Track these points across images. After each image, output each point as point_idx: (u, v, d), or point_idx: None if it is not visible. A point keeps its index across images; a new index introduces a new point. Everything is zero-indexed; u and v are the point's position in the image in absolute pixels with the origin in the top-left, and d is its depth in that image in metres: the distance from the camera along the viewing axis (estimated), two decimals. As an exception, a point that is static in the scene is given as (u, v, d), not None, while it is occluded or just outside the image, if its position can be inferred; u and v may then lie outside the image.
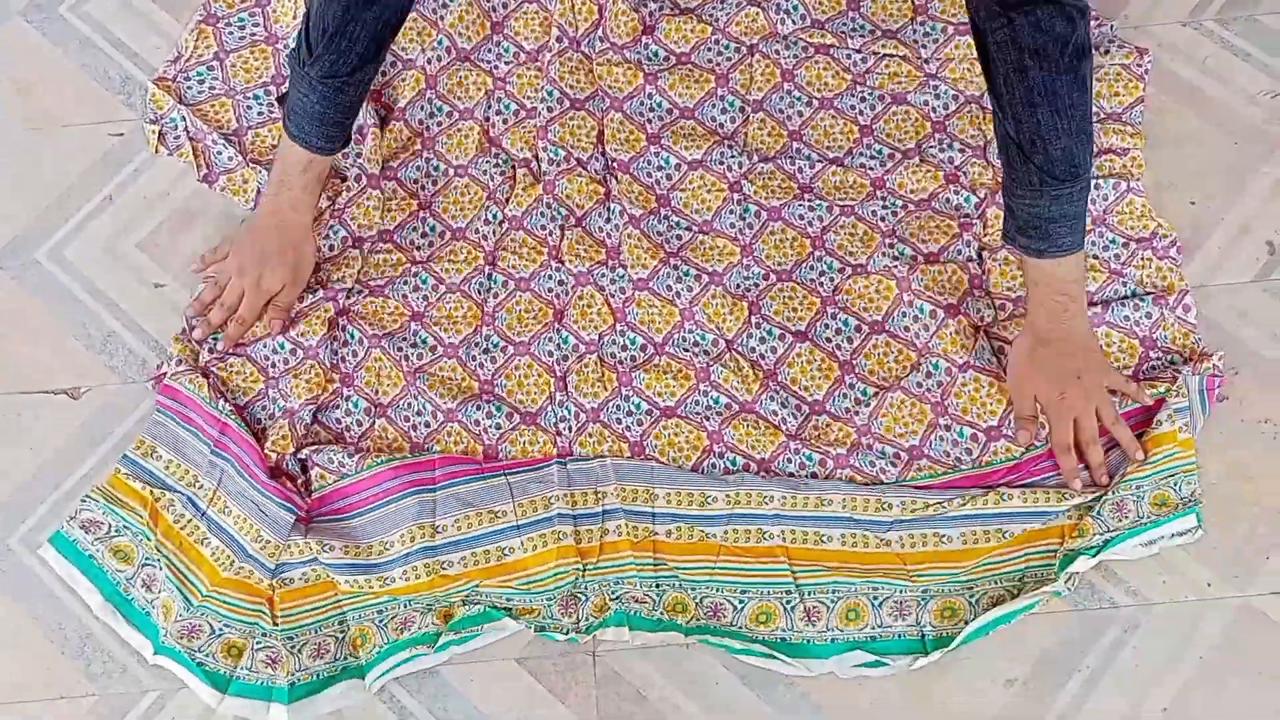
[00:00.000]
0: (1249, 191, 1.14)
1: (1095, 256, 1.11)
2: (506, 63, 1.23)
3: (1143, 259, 1.11)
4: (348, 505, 1.06)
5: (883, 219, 1.15)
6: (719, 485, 1.04)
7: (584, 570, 1.03)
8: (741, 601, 1.02)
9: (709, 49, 1.22)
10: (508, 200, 1.17)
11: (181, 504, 1.06)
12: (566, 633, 1.01)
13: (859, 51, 1.21)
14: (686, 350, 1.11)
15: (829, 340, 1.11)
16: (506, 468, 1.07)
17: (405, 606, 1.03)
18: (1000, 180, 1.12)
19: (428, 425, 1.09)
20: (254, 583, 1.03)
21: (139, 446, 1.08)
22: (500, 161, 1.19)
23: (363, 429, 1.10)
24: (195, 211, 1.19)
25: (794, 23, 1.22)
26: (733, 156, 1.17)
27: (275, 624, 1.02)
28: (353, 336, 1.12)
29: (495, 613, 1.01)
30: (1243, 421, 1.06)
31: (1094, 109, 1.16)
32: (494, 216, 1.17)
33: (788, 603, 1.02)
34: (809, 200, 1.15)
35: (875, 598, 1.01)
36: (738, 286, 1.13)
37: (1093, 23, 1.20)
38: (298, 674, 1.00)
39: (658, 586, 1.03)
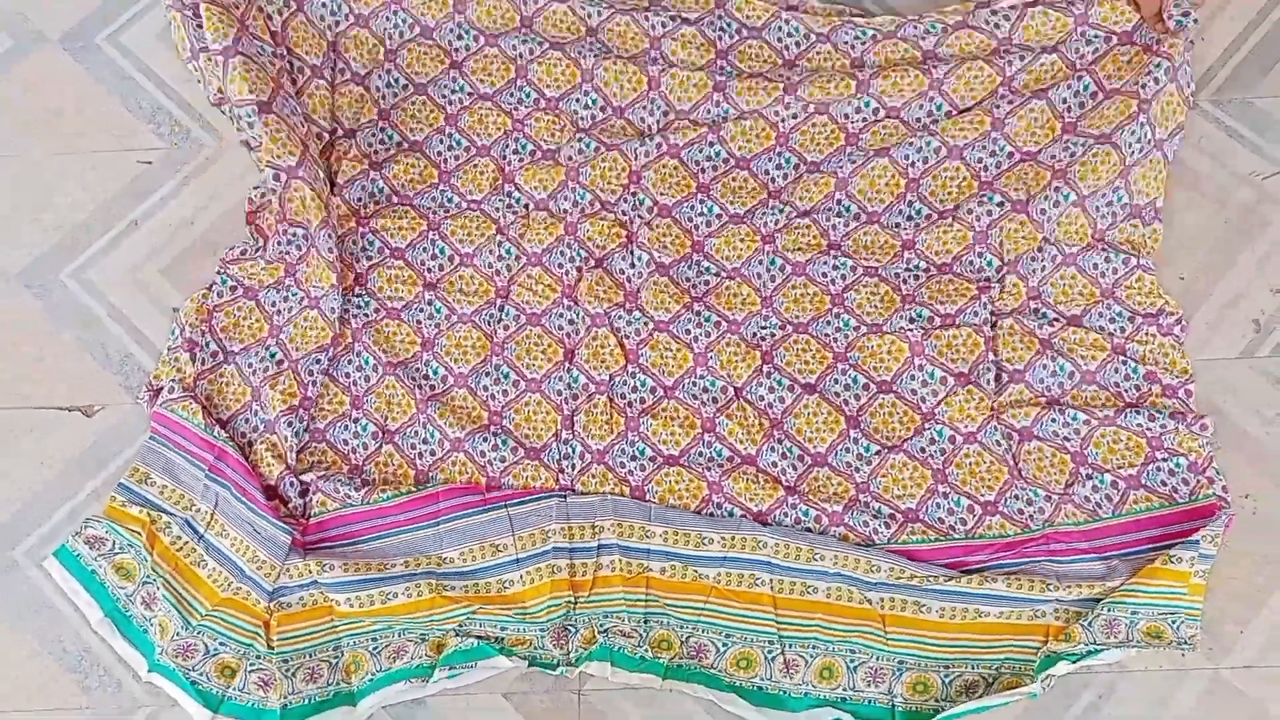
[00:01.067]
0: (1237, 269, 1.17)
1: (1100, 328, 1.14)
2: (526, 107, 1.26)
3: (1146, 334, 1.13)
4: (349, 533, 1.09)
5: (905, 282, 1.17)
6: (716, 528, 1.07)
7: (575, 603, 1.05)
8: (725, 645, 1.04)
9: (776, 110, 1.23)
10: (522, 236, 1.20)
11: (179, 527, 1.09)
12: (556, 664, 1.03)
13: (930, 116, 1.22)
14: (695, 397, 1.14)
15: (837, 395, 1.13)
16: (507, 498, 1.09)
17: (399, 635, 1.05)
18: (1036, 239, 1.14)
19: (433, 454, 1.12)
20: (251, 604, 1.06)
21: (133, 474, 1.11)
22: (513, 200, 1.23)
23: (368, 452, 1.13)
24: (216, 242, 1.22)
25: (864, 120, 1.22)
26: (771, 214, 1.20)
27: (270, 647, 1.04)
28: (366, 363, 1.16)
29: (488, 649, 1.03)
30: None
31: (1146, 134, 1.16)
32: (508, 252, 1.20)
33: (769, 653, 1.04)
34: (834, 257, 1.18)
35: (852, 661, 1.03)
36: (754, 335, 1.16)
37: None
38: (290, 697, 1.02)
39: (646, 622, 1.05)
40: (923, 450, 1.10)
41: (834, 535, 1.07)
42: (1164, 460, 1.08)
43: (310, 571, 1.06)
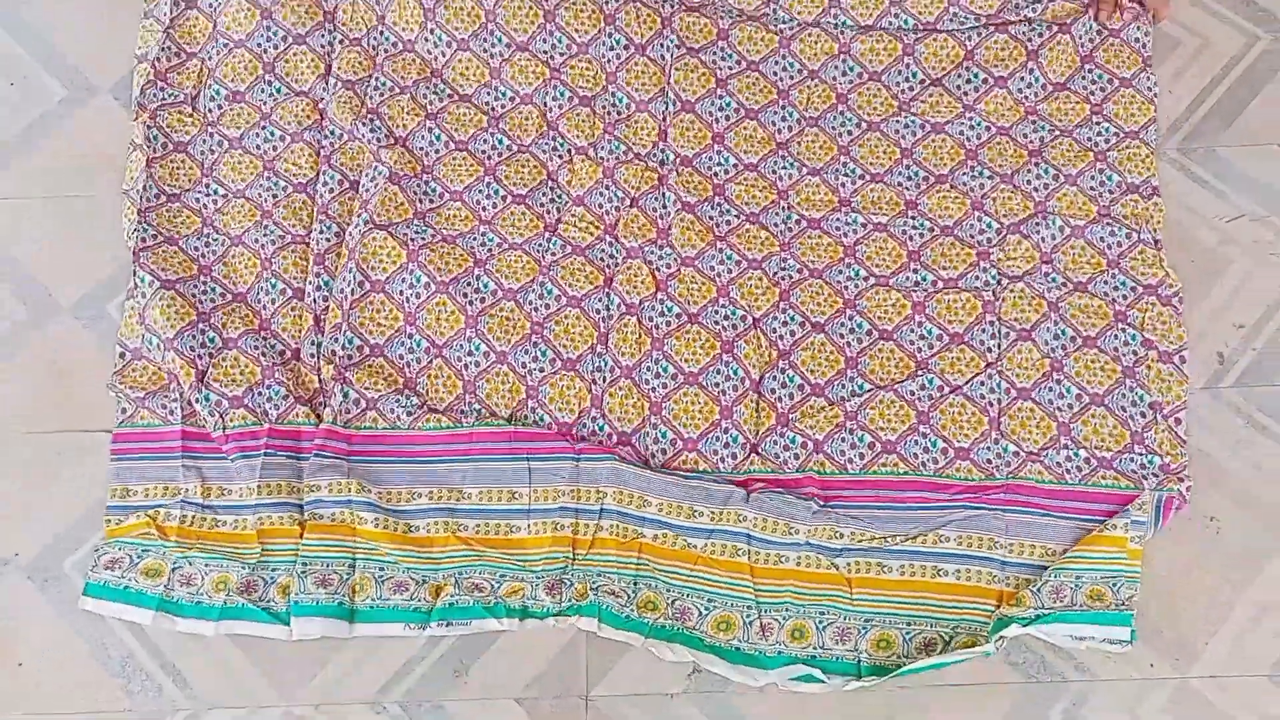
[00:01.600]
0: (1202, 306, 1.25)
1: (1105, 294, 1.23)
2: (561, 54, 1.37)
3: (1146, 303, 1.22)
4: (388, 450, 1.20)
5: (911, 238, 1.28)
6: (706, 502, 1.16)
7: (573, 559, 1.15)
8: (707, 609, 1.14)
9: (777, 62, 1.37)
10: (569, 182, 1.32)
11: (179, 509, 1.18)
12: (547, 614, 1.13)
13: (907, 82, 1.35)
14: (717, 323, 1.25)
15: (841, 337, 1.24)
16: (531, 452, 1.19)
17: (404, 571, 1.15)
18: (1028, 206, 1.26)
19: (478, 365, 1.24)
20: (284, 527, 1.17)
21: (114, 494, 1.20)
22: (558, 145, 1.34)
23: (421, 366, 1.24)
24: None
25: (849, 83, 1.36)
26: (783, 167, 1.32)
27: (299, 545, 1.16)
28: (418, 280, 1.26)
29: (480, 610, 1.13)
30: (1189, 518, 1.16)
31: (1110, 130, 1.30)
32: (558, 195, 1.31)
33: (747, 617, 1.13)
34: (846, 213, 1.29)
35: (821, 622, 1.12)
36: (774, 274, 1.27)
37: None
38: (299, 596, 1.13)
39: (635, 584, 1.15)
40: (912, 394, 1.21)
41: (813, 463, 1.18)
42: (1140, 455, 1.17)
43: (350, 490, 1.17)
